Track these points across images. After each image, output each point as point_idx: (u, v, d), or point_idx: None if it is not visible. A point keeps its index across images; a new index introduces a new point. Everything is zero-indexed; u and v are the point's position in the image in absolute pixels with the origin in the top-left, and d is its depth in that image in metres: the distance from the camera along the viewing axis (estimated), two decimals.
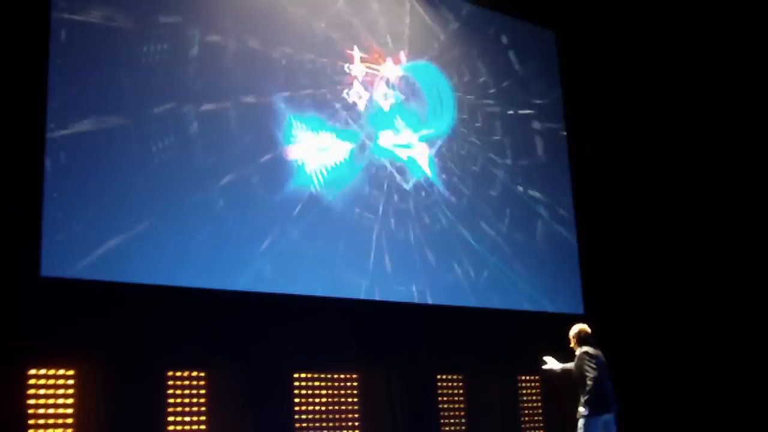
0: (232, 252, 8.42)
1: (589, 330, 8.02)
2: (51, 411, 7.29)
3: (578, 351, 7.87)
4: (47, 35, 7.62)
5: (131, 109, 8.00)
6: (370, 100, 9.84)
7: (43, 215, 7.34)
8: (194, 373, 8.17)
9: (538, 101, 11.54)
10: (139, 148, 8.00)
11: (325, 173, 9.27)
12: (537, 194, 11.19)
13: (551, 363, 8.20)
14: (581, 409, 7.67)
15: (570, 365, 7.94)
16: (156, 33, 8.25)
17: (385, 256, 9.58)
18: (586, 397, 7.64)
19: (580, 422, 7.66)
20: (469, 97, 10.80)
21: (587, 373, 7.69)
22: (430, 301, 9.85)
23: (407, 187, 9.96)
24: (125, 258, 7.72)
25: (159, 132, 8.14)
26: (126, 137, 7.93)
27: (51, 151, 7.48)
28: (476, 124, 10.79)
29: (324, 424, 8.94)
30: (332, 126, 9.43)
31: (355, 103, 9.67)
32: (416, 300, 9.73)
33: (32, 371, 7.30)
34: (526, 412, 10.68)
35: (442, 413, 9.92)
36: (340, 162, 9.45)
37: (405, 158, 10.04)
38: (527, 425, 10.61)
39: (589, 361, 7.72)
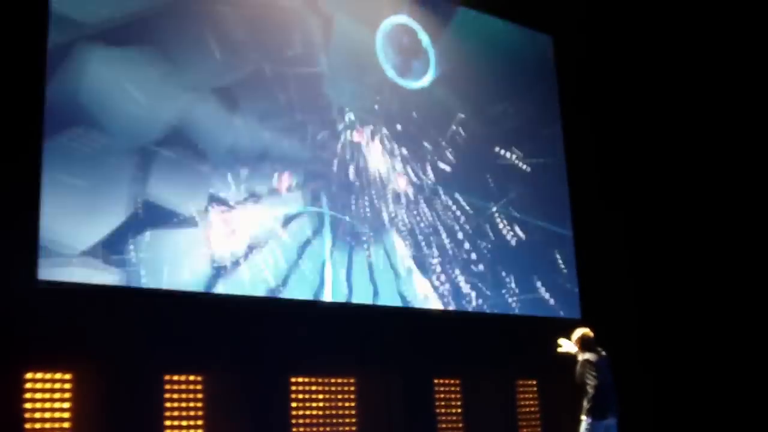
0: (230, 255, 8.41)
1: (591, 334, 8.00)
2: (48, 415, 7.28)
3: (580, 357, 7.86)
4: (45, 34, 7.63)
5: (130, 110, 8.02)
6: None
7: (41, 219, 7.34)
8: (191, 377, 8.16)
9: (535, 106, 11.55)
10: (138, 152, 8.02)
11: None
12: (534, 198, 11.19)
13: (566, 345, 8.06)
14: (584, 417, 7.69)
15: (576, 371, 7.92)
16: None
17: (383, 259, 9.59)
18: (588, 405, 7.66)
19: (582, 426, 7.67)
20: (466, 101, 10.82)
21: (588, 381, 7.71)
22: (427, 306, 9.85)
23: (406, 192, 9.99)
24: (122, 262, 7.72)
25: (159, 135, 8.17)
26: (125, 141, 7.94)
27: (49, 152, 7.48)
28: (472, 127, 10.79)
29: (321, 429, 8.93)
30: None
31: None
32: (413, 304, 9.74)
33: (29, 375, 7.28)
34: (524, 416, 10.66)
35: (439, 417, 9.90)
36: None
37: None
38: (524, 429, 10.60)
39: (590, 369, 7.73)
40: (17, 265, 7.22)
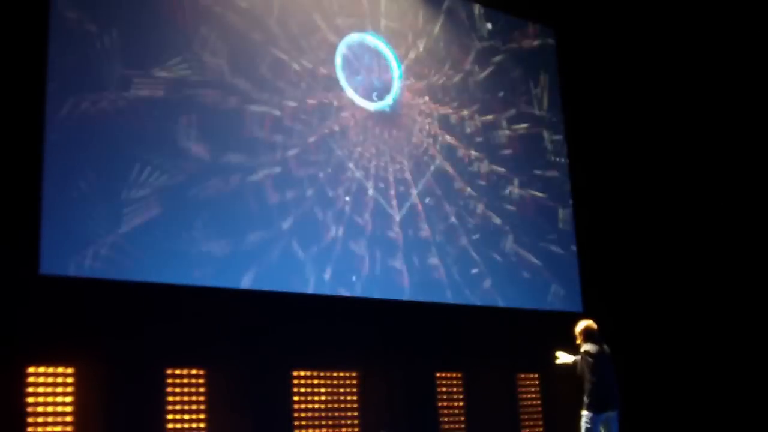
0: (231, 250, 8.41)
1: (595, 326, 7.99)
2: (50, 409, 7.28)
3: (582, 349, 7.87)
4: (46, 31, 7.61)
5: (131, 104, 8.01)
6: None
7: (42, 213, 7.33)
8: (193, 371, 8.16)
9: (536, 99, 11.53)
10: (138, 146, 8.00)
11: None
12: (536, 192, 11.18)
13: (564, 357, 8.14)
14: (584, 412, 7.69)
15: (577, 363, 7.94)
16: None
17: (384, 254, 9.58)
18: (587, 398, 7.67)
19: (582, 420, 7.68)
20: (465, 94, 10.79)
21: (586, 374, 7.71)
22: (429, 299, 9.84)
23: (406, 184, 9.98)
24: (124, 256, 7.71)
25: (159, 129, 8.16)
26: (125, 136, 7.92)
27: (50, 147, 7.46)
28: (473, 122, 10.77)
29: (323, 422, 8.93)
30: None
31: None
32: (415, 298, 9.73)
33: (31, 369, 7.28)
34: (525, 410, 10.67)
35: (441, 411, 9.91)
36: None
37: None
38: (526, 423, 10.61)
39: (588, 360, 7.73)
40: (19, 259, 7.21)
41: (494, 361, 10.32)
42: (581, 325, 8.04)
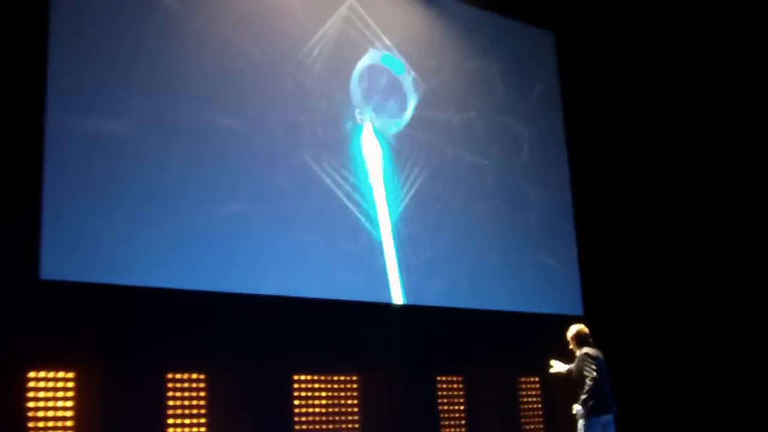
0: (231, 254, 8.42)
1: (587, 330, 8.03)
2: (51, 414, 7.28)
3: (579, 352, 7.88)
4: (46, 34, 7.62)
5: (133, 109, 8.03)
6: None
7: (42, 218, 7.34)
8: (194, 376, 8.17)
9: (536, 102, 11.53)
10: (141, 150, 8.01)
11: None
12: (535, 195, 11.18)
13: (557, 366, 8.18)
14: (578, 408, 7.68)
15: (573, 366, 7.94)
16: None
17: (384, 257, 9.58)
18: (584, 397, 7.66)
19: (580, 423, 7.68)
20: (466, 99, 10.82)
21: (587, 374, 7.71)
22: (429, 303, 9.85)
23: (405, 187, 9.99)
24: (125, 260, 7.72)
25: (161, 134, 8.18)
26: (128, 140, 7.94)
27: (50, 152, 7.47)
28: (474, 125, 10.78)
29: (324, 426, 8.93)
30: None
31: None
32: (416, 301, 9.73)
33: (32, 374, 7.29)
34: (526, 413, 10.67)
35: (442, 414, 9.91)
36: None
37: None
38: (527, 426, 10.60)
39: (589, 362, 7.74)
40: (19, 264, 7.22)
41: (495, 364, 10.33)
42: (573, 330, 8.05)
